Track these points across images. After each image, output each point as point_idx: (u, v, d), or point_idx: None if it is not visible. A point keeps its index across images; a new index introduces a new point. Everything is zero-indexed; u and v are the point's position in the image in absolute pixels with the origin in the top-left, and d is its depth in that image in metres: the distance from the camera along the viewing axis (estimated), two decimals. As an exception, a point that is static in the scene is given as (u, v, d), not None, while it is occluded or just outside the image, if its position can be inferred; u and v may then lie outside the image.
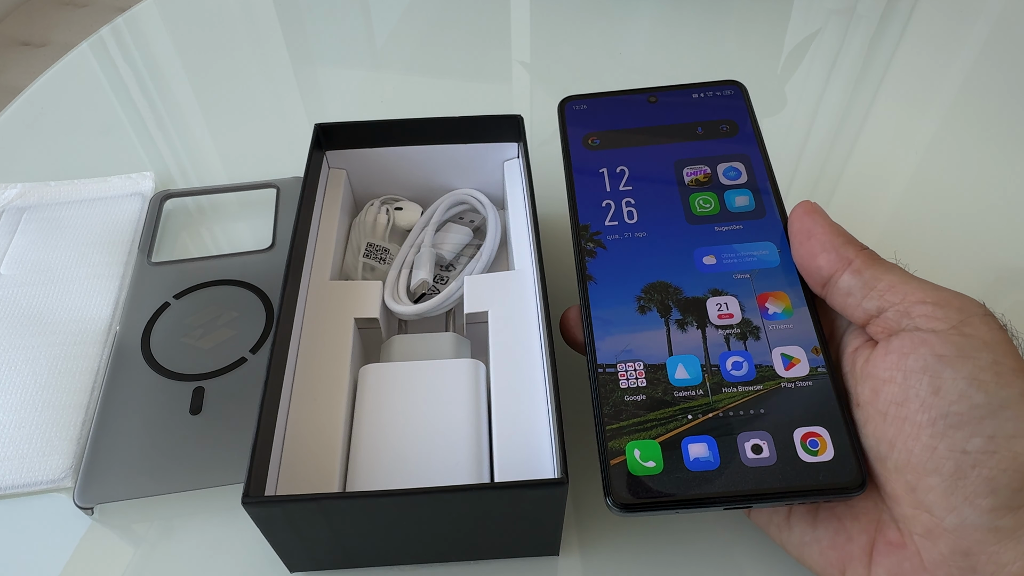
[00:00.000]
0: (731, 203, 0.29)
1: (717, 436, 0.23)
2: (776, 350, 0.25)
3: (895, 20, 0.55)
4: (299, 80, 0.52)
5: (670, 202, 0.29)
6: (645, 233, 0.28)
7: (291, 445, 0.27)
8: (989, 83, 0.49)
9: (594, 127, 0.31)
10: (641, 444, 0.23)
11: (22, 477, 0.31)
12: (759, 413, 0.24)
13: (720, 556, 0.28)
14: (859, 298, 0.24)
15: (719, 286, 0.27)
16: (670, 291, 0.27)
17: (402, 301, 0.33)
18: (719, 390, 0.24)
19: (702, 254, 0.27)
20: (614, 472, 0.23)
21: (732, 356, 0.25)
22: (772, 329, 0.25)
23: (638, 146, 0.31)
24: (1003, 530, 0.20)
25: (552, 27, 0.55)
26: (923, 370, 0.22)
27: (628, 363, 0.25)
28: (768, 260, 0.27)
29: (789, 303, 0.26)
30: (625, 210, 0.29)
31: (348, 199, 0.38)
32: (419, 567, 0.28)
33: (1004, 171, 0.43)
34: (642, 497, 0.23)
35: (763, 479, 0.23)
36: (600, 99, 0.32)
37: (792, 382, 0.24)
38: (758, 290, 0.26)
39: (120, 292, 0.37)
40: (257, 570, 0.28)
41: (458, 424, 0.28)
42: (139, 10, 0.58)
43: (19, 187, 0.42)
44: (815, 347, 0.25)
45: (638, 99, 0.32)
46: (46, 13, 1.75)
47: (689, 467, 0.23)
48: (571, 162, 0.31)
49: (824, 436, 0.23)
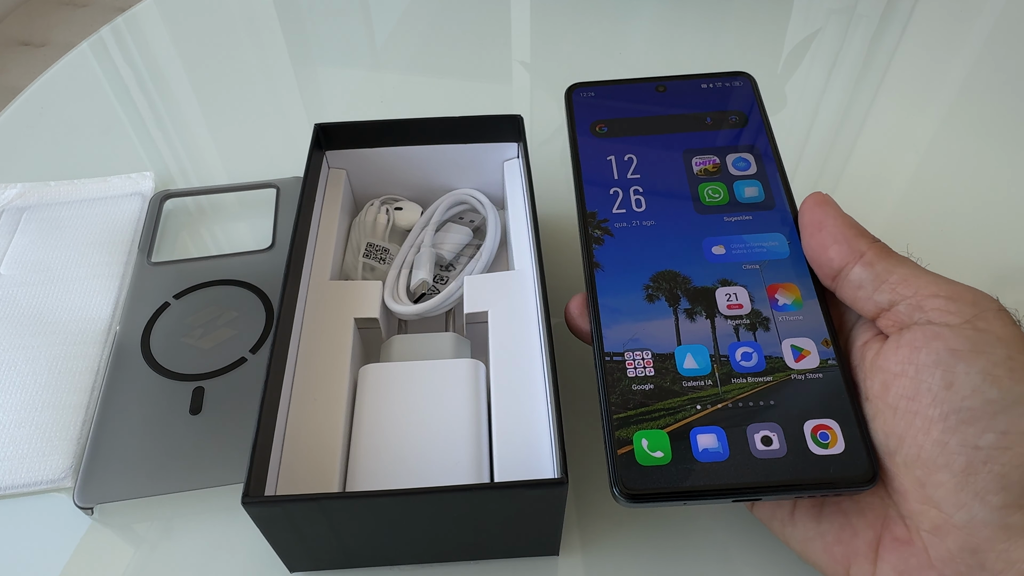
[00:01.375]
0: (740, 194, 0.28)
1: (726, 427, 0.23)
2: (786, 341, 0.25)
3: (895, 20, 0.55)
4: (299, 80, 0.52)
5: (679, 191, 0.29)
6: (653, 222, 0.28)
7: (291, 445, 0.27)
8: (989, 82, 0.49)
9: (602, 115, 0.31)
10: (649, 434, 0.23)
11: (22, 477, 0.31)
12: (769, 404, 0.24)
13: (720, 555, 0.28)
14: (870, 291, 0.24)
15: (728, 276, 0.26)
16: (679, 280, 0.26)
17: (402, 301, 0.33)
18: (728, 380, 0.24)
19: (711, 244, 0.27)
20: (621, 462, 0.23)
21: (741, 347, 0.25)
22: (782, 320, 0.25)
23: (646, 134, 0.30)
24: (1013, 527, 0.20)
25: (552, 27, 0.55)
26: (936, 364, 0.21)
27: (636, 352, 0.25)
28: (778, 251, 0.27)
29: (799, 295, 0.26)
30: (633, 198, 0.29)
31: (348, 199, 0.38)
32: (419, 567, 0.28)
33: (1004, 170, 0.43)
34: (650, 488, 0.22)
35: (773, 471, 0.22)
36: (608, 87, 0.32)
37: (802, 374, 0.24)
38: (767, 281, 0.26)
39: (120, 292, 0.37)
40: (257, 570, 0.28)
41: (458, 424, 0.28)
42: (139, 10, 0.58)
43: (19, 187, 0.42)
44: (825, 339, 0.25)
45: (646, 88, 0.32)
46: (46, 13, 1.75)
47: (698, 458, 0.23)
48: (578, 149, 0.30)
49: (835, 429, 0.23)
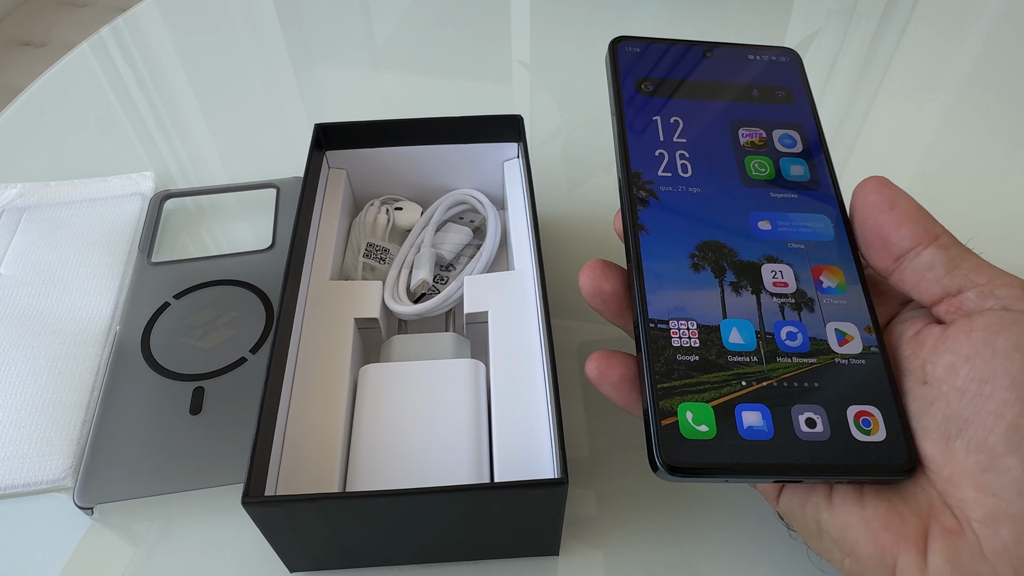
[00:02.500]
0: (787, 171, 0.27)
1: (771, 406, 0.23)
2: (830, 324, 0.24)
3: (895, 20, 0.55)
4: (299, 80, 0.52)
5: (725, 161, 0.28)
6: (699, 189, 0.27)
7: (291, 445, 0.27)
8: (989, 82, 0.49)
9: (647, 72, 0.30)
10: (694, 407, 0.22)
11: (22, 477, 0.31)
12: (813, 387, 0.23)
13: (722, 556, 0.28)
14: (940, 273, 0.23)
15: (774, 253, 0.26)
16: (725, 252, 0.25)
17: (402, 301, 0.33)
18: (773, 359, 0.24)
19: (757, 218, 0.26)
20: (665, 433, 0.22)
21: (787, 326, 0.24)
22: (826, 303, 0.25)
23: (693, 99, 0.29)
24: None
25: (552, 27, 0.55)
26: (1016, 348, 0.21)
27: (681, 321, 0.24)
28: (823, 233, 0.26)
29: (843, 279, 0.25)
30: (679, 163, 0.27)
31: (348, 199, 0.38)
32: (419, 567, 0.28)
33: (1004, 169, 0.43)
34: (694, 462, 0.22)
35: (816, 454, 0.22)
36: (654, 44, 0.30)
37: (846, 359, 0.24)
38: (812, 262, 0.25)
39: (120, 292, 0.37)
40: (257, 570, 0.28)
41: (458, 424, 0.28)
42: (139, 10, 0.58)
43: (19, 187, 0.42)
44: (868, 326, 0.24)
45: (694, 51, 0.30)
46: (46, 13, 1.75)
47: (742, 435, 0.22)
48: (623, 105, 0.29)
49: (876, 416, 0.23)
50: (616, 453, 0.31)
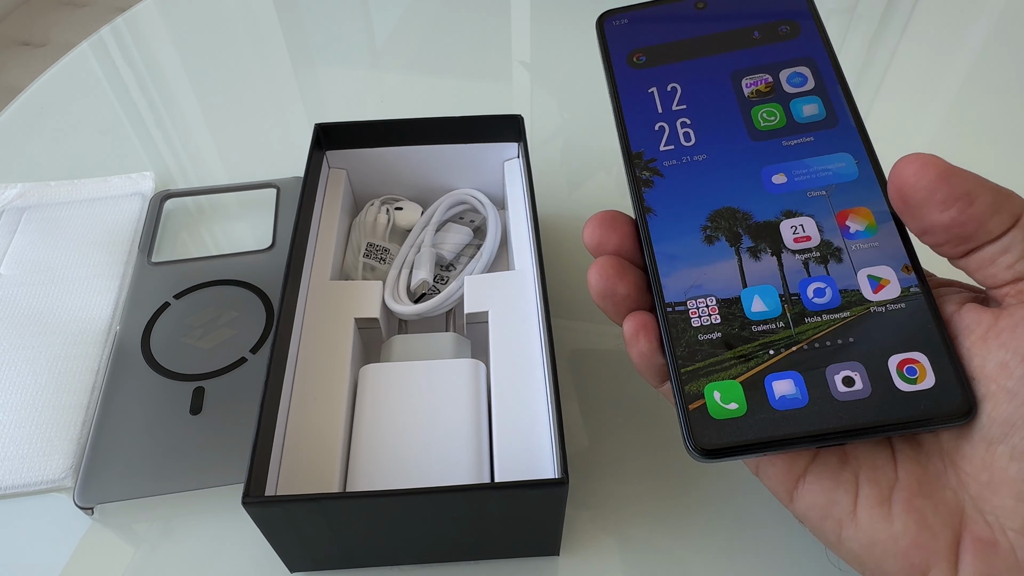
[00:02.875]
0: (799, 113, 0.26)
1: (803, 371, 0.22)
2: (862, 272, 0.23)
3: (895, 20, 0.55)
4: (299, 80, 0.52)
5: (730, 118, 0.26)
6: (705, 155, 0.25)
7: (291, 445, 0.27)
8: (989, 82, 0.49)
9: (639, 43, 0.28)
10: (721, 385, 0.22)
11: (22, 477, 0.31)
12: (848, 343, 0.22)
13: (723, 556, 0.28)
14: (1015, 257, 0.21)
15: (792, 207, 0.24)
16: (738, 217, 0.24)
17: (402, 301, 0.33)
18: (801, 320, 0.22)
19: (771, 173, 0.25)
20: (694, 417, 0.21)
21: (813, 283, 0.23)
22: (855, 249, 0.23)
23: (689, 59, 0.27)
24: None
25: (552, 27, 0.55)
26: None
27: (699, 299, 0.23)
28: (845, 173, 0.24)
29: (872, 219, 0.23)
30: (681, 132, 0.26)
31: (348, 199, 0.38)
32: (419, 567, 0.28)
33: (1004, 169, 0.43)
34: (726, 442, 0.21)
35: (858, 413, 0.21)
36: (642, 11, 0.29)
37: (882, 306, 0.22)
38: (836, 207, 0.24)
39: (120, 292, 0.37)
40: (257, 570, 0.28)
41: (458, 424, 0.28)
42: (139, 10, 0.58)
43: (19, 187, 0.42)
44: (905, 265, 0.22)
45: (684, 7, 0.28)
46: (46, 13, 1.75)
47: (775, 406, 0.21)
48: (616, 84, 0.27)
49: (923, 362, 0.21)
50: (616, 453, 0.31)
